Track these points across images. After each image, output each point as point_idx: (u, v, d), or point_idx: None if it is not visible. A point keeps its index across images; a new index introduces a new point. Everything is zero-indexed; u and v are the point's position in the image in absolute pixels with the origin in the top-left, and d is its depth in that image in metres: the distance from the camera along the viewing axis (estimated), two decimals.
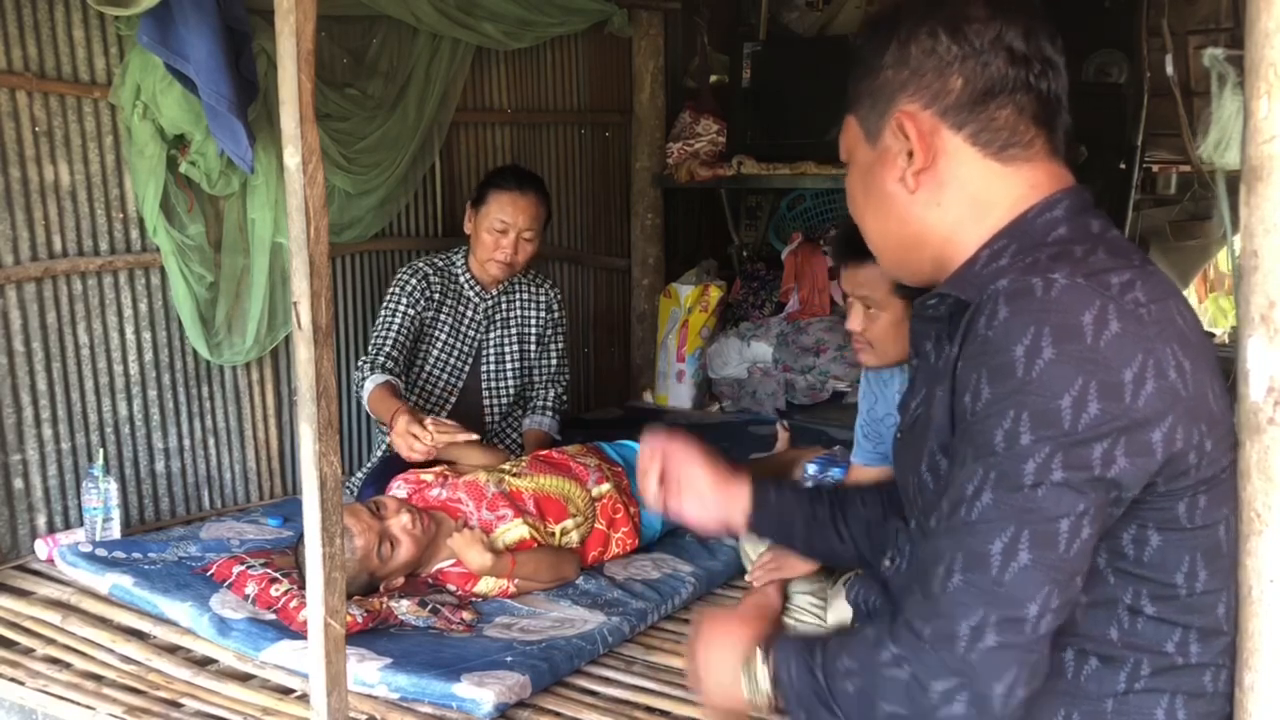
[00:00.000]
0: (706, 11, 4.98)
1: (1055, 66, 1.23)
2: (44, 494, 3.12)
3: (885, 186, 1.28)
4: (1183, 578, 1.16)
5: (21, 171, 3.02)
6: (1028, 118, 1.22)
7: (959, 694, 1.08)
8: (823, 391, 4.54)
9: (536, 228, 3.38)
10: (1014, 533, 1.08)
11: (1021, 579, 1.07)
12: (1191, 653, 1.19)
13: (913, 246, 1.30)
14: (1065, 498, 1.07)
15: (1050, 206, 1.22)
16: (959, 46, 1.21)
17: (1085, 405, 1.06)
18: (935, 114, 1.23)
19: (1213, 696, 1.21)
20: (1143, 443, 1.09)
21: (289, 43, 1.73)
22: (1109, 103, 4.84)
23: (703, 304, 4.71)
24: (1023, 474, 1.08)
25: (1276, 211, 1.14)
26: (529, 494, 2.92)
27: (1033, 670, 1.09)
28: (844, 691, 1.16)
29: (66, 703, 2.29)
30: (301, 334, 1.80)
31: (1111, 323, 1.08)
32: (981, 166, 1.23)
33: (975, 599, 1.08)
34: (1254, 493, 1.17)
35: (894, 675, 1.11)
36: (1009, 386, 1.08)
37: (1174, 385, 1.10)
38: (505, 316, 3.55)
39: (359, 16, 3.61)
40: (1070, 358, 1.07)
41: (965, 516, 1.10)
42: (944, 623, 1.09)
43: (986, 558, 1.08)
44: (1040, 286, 1.10)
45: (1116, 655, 1.18)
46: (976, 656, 1.08)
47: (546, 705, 2.29)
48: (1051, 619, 1.09)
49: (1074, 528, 1.08)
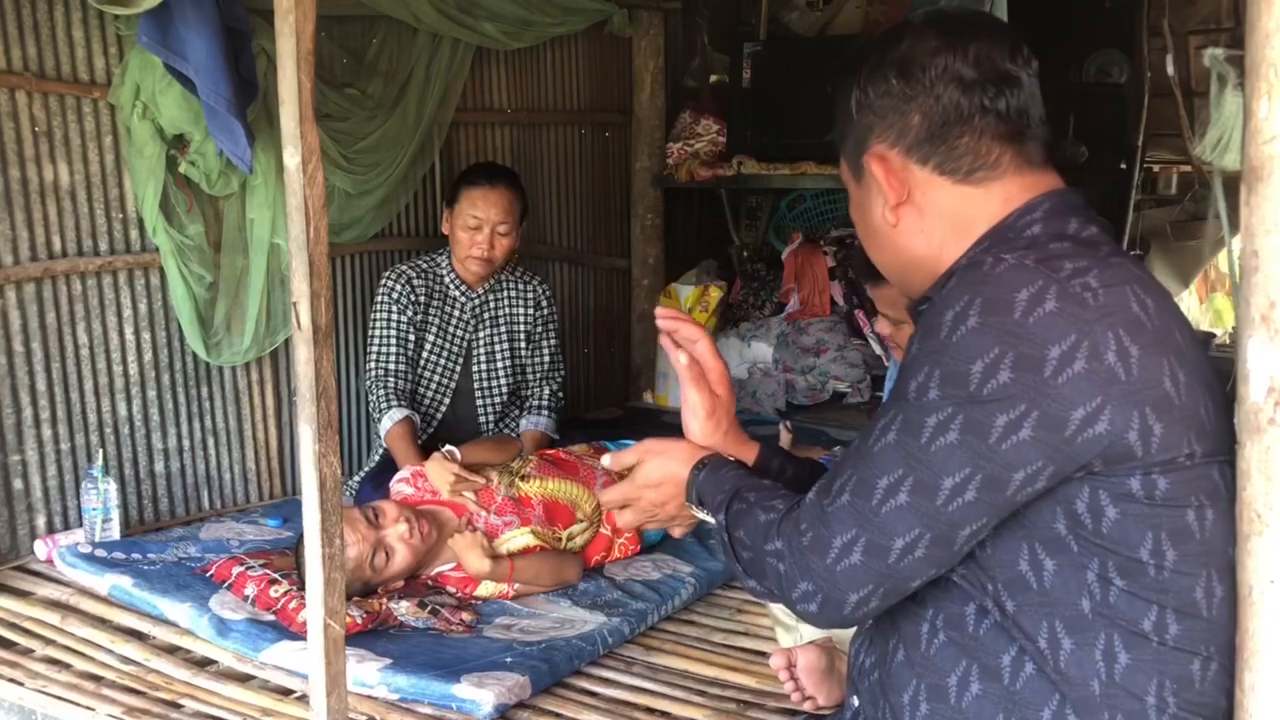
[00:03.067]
0: (706, 11, 4.98)
1: (1014, 82, 1.27)
2: (43, 494, 3.12)
3: (874, 220, 1.36)
4: (1148, 554, 1.17)
5: (21, 171, 3.02)
6: (989, 139, 1.27)
7: (815, 596, 1.23)
8: (823, 392, 4.53)
9: (511, 221, 3.37)
10: (901, 474, 1.18)
11: (895, 515, 1.18)
12: (1170, 634, 1.18)
13: (907, 269, 1.37)
14: (955, 457, 1.15)
15: (1030, 210, 1.27)
16: (910, 86, 1.27)
17: (995, 373, 1.13)
18: (901, 151, 1.30)
19: (1203, 689, 1.21)
20: (1057, 419, 1.12)
21: (289, 43, 1.73)
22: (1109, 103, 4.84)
23: (703, 304, 4.71)
24: (923, 425, 1.17)
25: (1276, 211, 1.13)
26: (538, 499, 2.92)
27: (889, 591, 1.22)
28: (740, 554, 1.33)
29: (66, 703, 2.29)
30: (301, 334, 1.80)
31: (1048, 301, 1.13)
32: (953, 192, 1.29)
33: (852, 520, 1.20)
34: (1254, 493, 1.17)
35: (773, 564, 1.27)
36: (931, 345, 1.18)
37: (1111, 368, 1.12)
38: (494, 314, 3.54)
39: (359, 16, 3.61)
40: (992, 328, 1.13)
41: (870, 446, 1.21)
42: (823, 532, 1.22)
43: (873, 488, 1.20)
44: (989, 263, 1.18)
45: (1090, 628, 1.19)
46: (840, 569, 1.21)
47: (546, 706, 2.29)
48: (919, 557, 1.19)
49: (957, 488, 1.16)
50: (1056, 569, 1.20)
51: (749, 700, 2.32)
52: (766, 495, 1.33)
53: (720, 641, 2.62)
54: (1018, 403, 1.12)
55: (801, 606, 1.24)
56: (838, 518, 1.21)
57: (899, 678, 1.30)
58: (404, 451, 3.19)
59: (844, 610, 1.22)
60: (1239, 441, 1.18)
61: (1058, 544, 1.19)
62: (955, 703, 1.25)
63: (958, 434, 1.15)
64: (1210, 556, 1.19)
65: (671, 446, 1.48)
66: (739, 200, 5.26)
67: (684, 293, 4.72)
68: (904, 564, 1.19)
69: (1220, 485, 1.20)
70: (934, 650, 1.26)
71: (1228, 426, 1.21)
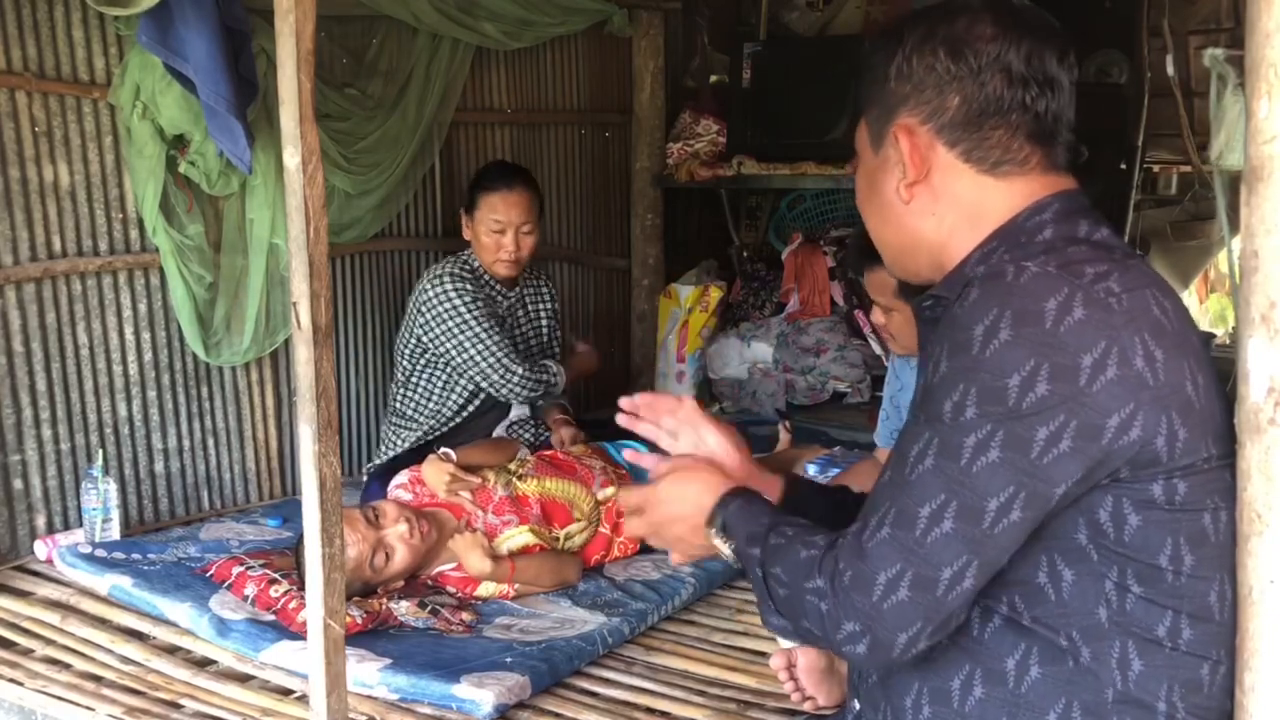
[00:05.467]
0: (706, 11, 4.98)
1: (1057, 85, 1.25)
2: (43, 494, 3.12)
3: (885, 193, 1.33)
4: (1167, 560, 1.17)
5: (21, 171, 3.02)
6: (1022, 136, 1.26)
7: (863, 638, 1.16)
8: (823, 392, 4.53)
9: (533, 219, 3.38)
10: (944, 500, 1.13)
11: (941, 544, 1.13)
12: (1183, 639, 1.19)
13: (908, 250, 1.35)
14: (999, 476, 1.12)
15: (1040, 210, 1.26)
16: (957, 66, 1.24)
17: (1033, 385, 1.10)
18: (932, 130, 1.27)
19: (1211, 693, 1.21)
20: (1094, 427, 1.11)
21: (289, 43, 1.73)
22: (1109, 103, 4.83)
23: (703, 304, 4.70)
24: (963, 446, 1.13)
25: (1276, 211, 1.13)
26: (535, 498, 2.93)
27: (938, 627, 1.16)
28: (775, 591, 1.25)
29: (66, 703, 2.29)
30: (301, 334, 1.80)
31: (1076, 309, 1.12)
32: (974, 181, 1.28)
33: (896, 553, 1.14)
34: (1255, 493, 1.17)
35: (814, 603, 1.19)
36: (963, 362, 1.14)
37: (1140, 373, 1.12)
38: (526, 312, 3.59)
39: (359, 16, 3.61)
40: (1026, 340, 1.11)
41: (907, 475, 1.17)
42: (865, 569, 1.16)
43: (915, 518, 1.14)
44: (1012, 272, 1.15)
45: (1106, 637, 1.18)
46: (888, 606, 1.14)
47: (546, 706, 2.29)
48: (967, 587, 1.15)
49: (1002, 508, 1.12)
50: (1075, 579, 1.19)
51: (749, 700, 2.32)
52: (806, 531, 1.27)
53: (720, 641, 2.62)
54: (1057, 414, 1.11)
55: (848, 649, 1.18)
56: (879, 553, 1.15)
57: (900, 681, 1.29)
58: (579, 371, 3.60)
59: (893, 652, 1.16)
60: (1239, 441, 1.18)
61: (1078, 554, 1.18)
62: (958, 706, 1.24)
63: (999, 451, 1.12)
64: (1224, 560, 1.20)
65: (703, 470, 1.42)
66: (739, 200, 5.25)
67: (684, 293, 4.71)
68: (953, 595, 1.14)
69: (1233, 486, 1.20)
70: (936, 653, 1.25)
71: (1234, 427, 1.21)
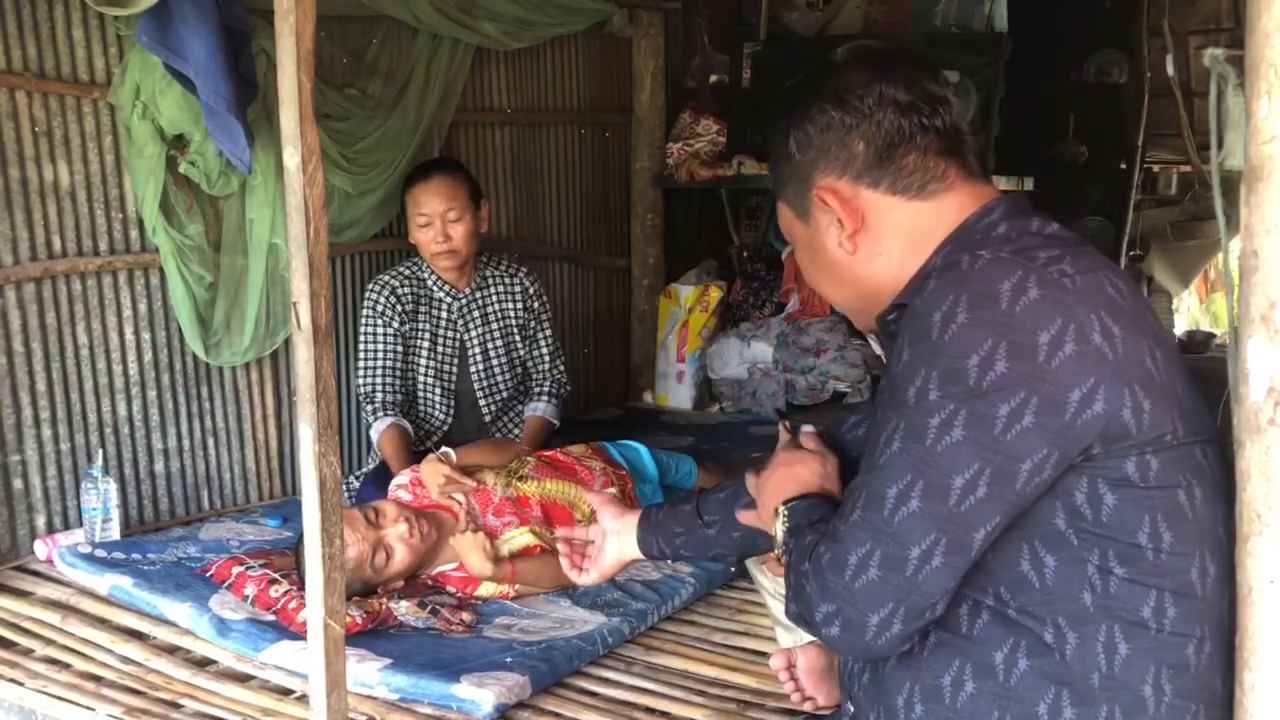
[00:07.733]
0: (707, 11, 4.98)
1: (944, 101, 1.33)
2: (43, 494, 3.11)
3: (829, 253, 1.38)
4: (1146, 538, 1.19)
5: (21, 171, 3.02)
6: (934, 154, 1.32)
7: (837, 618, 1.21)
8: (823, 392, 4.53)
9: (458, 205, 3.33)
10: (910, 480, 1.18)
11: (908, 523, 1.17)
12: (1168, 618, 1.20)
13: (870, 296, 1.39)
14: (963, 454, 1.16)
15: (988, 212, 1.31)
16: (849, 115, 1.31)
17: (992, 364, 1.15)
18: (850, 179, 1.33)
19: (1198, 672, 1.21)
20: (1056, 402, 1.15)
21: (289, 43, 1.73)
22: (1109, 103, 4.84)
23: (703, 304, 4.71)
24: (927, 427, 1.17)
25: (1276, 211, 1.13)
26: (535, 499, 2.92)
27: (910, 609, 1.19)
28: (787, 575, 1.31)
29: (66, 703, 2.29)
30: (301, 334, 1.80)
31: (1031, 290, 1.16)
32: (908, 209, 1.33)
33: (866, 534, 1.19)
34: (1254, 493, 1.17)
35: (802, 586, 1.26)
36: (924, 348, 1.19)
37: (1099, 348, 1.16)
38: (483, 312, 3.52)
39: (359, 16, 3.61)
40: (982, 321, 1.16)
41: (876, 459, 1.22)
42: (839, 549, 1.21)
43: (883, 499, 1.19)
44: (966, 261, 1.21)
45: (1092, 622, 1.19)
46: (859, 586, 1.19)
47: (546, 706, 2.29)
48: (936, 566, 1.18)
49: (968, 485, 1.16)
50: (1058, 565, 1.21)
51: (749, 700, 2.32)
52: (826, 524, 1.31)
53: (720, 641, 2.62)
54: (1017, 390, 1.14)
55: (825, 631, 1.23)
56: (851, 534, 1.20)
57: (892, 680, 1.30)
58: (396, 457, 3.21)
59: (865, 635, 1.20)
60: (1239, 441, 1.18)
61: (1058, 540, 1.20)
62: (950, 703, 1.25)
63: (962, 430, 1.15)
64: (1203, 536, 1.22)
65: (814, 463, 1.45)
66: (739, 200, 5.25)
67: (684, 293, 4.72)
68: (922, 575, 1.18)
69: (1204, 465, 1.23)
70: (926, 651, 1.26)
71: (1203, 408, 1.25)
